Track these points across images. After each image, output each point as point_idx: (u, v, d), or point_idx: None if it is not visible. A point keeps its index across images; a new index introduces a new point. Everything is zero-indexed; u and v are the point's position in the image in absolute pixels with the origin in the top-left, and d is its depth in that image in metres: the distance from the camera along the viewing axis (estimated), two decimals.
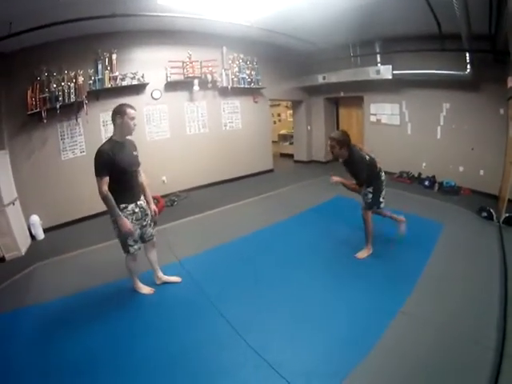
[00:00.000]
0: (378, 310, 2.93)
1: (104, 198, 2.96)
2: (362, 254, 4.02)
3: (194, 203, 6.63)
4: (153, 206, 3.42)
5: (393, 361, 2.37)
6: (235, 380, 2.32)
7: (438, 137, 6.49)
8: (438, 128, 6.45)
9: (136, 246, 3.24)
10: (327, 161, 9.13)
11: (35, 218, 5.42)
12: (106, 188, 2.93)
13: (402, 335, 2.61)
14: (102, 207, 6.00)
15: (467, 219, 4.89)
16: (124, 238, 3.14)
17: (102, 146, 3.00)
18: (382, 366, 2.33)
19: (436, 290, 3.18)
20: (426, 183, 6.42)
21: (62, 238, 5.47)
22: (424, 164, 6.82)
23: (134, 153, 3.25)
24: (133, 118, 3.05)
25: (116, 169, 2.96)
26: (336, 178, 3.91)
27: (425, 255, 3.80)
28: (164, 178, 7.01)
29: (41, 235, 5.48)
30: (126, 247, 3.21)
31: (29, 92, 5.23)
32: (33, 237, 5.42)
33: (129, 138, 3.26)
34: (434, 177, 6.45)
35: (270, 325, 2.86)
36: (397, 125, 7.20)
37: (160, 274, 3.69)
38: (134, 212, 3.15)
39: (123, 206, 3.07)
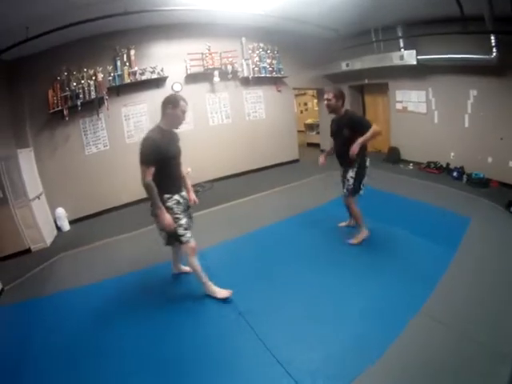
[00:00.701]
0: (396, 310, 2.74)
1: (147, 187, 2.78)
2: (357, 238, 3.89)
3: (218, 194, 6.62)
4: (193, 196, 3.29)
5: (404, 367, 2.20)
6: (242, 373, 2.31)
7: (466, 125, 6.00)
8: (466, 116, 5.96)
9: (189, 234, 3.03)
10: None
11: (61, 211, 5.69)
12: (150, 177, 2.77)
13: (417, 340, 2.41)
14: (127, 199, 6.29)
15: (495, 214, 4.48)
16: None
17: (149, 133, 2.87)
18: (391, 372, 2.18)
19: (460, 291, 2.90)
20: (455, 174, 6.00)
21: (87, 229, 5.70)
22: (452, 154, 6.35)
23: (178, 143, 3.15)
24: (184, 112, 2.97)
25: (163, 158, 2.83)
26: (321, 159, 3.89)
27: (450, 251, 3.51)
28: (189, 169, 7.00)
29: (66, 227, 5.76)
30: (177, 238, 3.00)
31: (50, 91, 5.45)
32: (59, 228, 5.69)
33: None
34: (462, 167, 6.01)
35: (282, 320, 2.77)
36: (423, 113, 6.75)
37: (180, 264, 3.64)
38: (178, 202, 3.02)
39: (168, 196, 2.94)
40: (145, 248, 4.53)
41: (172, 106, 2.88)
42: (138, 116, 6.49)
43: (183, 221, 2.99)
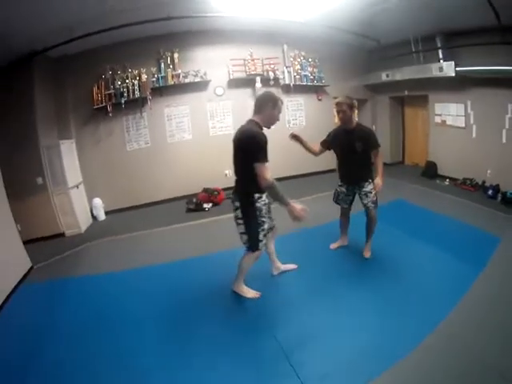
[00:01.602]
0: (412, 324, 2.63)
1: (271, 186, 2.63)
2: (369, 250, 3.76)
3: None
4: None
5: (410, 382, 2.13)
6: (254, 367, 2.36)
7: (504, 141, 5.57)
8: (504, 131, 5.53)
9: (264, 242, 2.98)
10: (392, 163, 8.41)
11: (98, 201, 5.99)
12: (270, 174, 2.62)
13: (429, 357, 2.29)
14: (163, 196, 6.46)
15: None
16: (256, 231, 2.87)
17: (254, 129, 2.73)
18: None
19: (480, 314, 2.71)
20: (489, 192, 5.57)
21: (121, 220, 5.97)
22: (489, 171, 5.89)
23: None
24: (280, 113, 2.90)
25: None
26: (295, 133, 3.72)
27: (475, 270, 3.31)
28: (227, 171, 7.07)
29: (102, 216, 6.05)
30: (256, 243, 2.91)
31: (94, 88, 5.77)
32: (94, 218, 6.00)
33: None
34: (497, 185, 5.57)
35: (300, 323, 2.78)
36: (462, 127, 6.32)
37: (278, 263, 3.55)
38: (265, 204, 2.92)
39: (258, 195, 2.83)
40: (176, 243, 4.75)
41: (272, 106, 2.80)
42: (180, 117, 6.68)
43: (266, 225, 2.94)
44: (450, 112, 6.57)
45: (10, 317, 3.22)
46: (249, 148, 2.63)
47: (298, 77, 7.17)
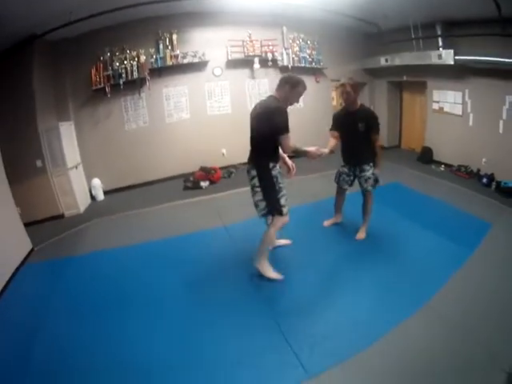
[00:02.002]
0: (403, 300, 2.80)
1: (294, 151, 2.90)
2: (363, 232, 3.88)
3: None
4: (289, 162, 3.32)
5: (399, 354, 2.26)
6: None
7: (501, 131, 5.64)
8: (501, 122, 5.59)
9: (287, 208, 3.02)
10: (389, 146, 8.45)
11: (96, 181, 6.09)
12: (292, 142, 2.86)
13: (417, 330, 2.46)
14: (161, 175, 6.63)
15: None
16: (276, 197, 2.96)
17: (276, 103, 2.87)
18: (385, 356, 2.25)
19: (469, 291, 2.88)
20: (484, 181, 5.70)
21: (120, 200, 6.10)
22: (484, 160, 6.00)
23: None
24: (298, 96, 3.02)
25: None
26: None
27: (466, 251, 3.47)
28: (224, 150, 7.21)
29: (101, 196, 6.17)
30: (279, 208, 2.97)
31: (93, 70, 5.78)
32: (93, 198, 6.11)
33: None
34: (492, 174, 5.70)
35: (292, 297, 2.94)
36: (459, 115, 6.38)
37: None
38: (279, 172, 3.02)
39: (273, 164, 2.94)
40: (174, 219, 4.94)
41: (289, 88, 2.89)
42: (179, 97, 6.72)
43: (284, 191, 3.01)
44: (448, 99, 6.61)
45: (12, 297, 3.34)
46: (272, 122, 2.77)
47: (296, 58, 7.14)
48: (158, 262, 3.68)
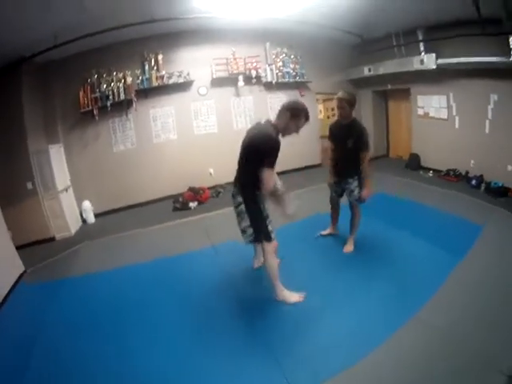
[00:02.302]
0: (392, 312, 2.75)
1: (272, 194, 2.76)
2: (350, 245, 3.89)
3: None
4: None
5: (389, 368, 2.23)
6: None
7: (487, 131, 5.77)
8: (487, 122, 5.73)
9: (274, 233, 2.89)
10: (377, 156, 8.54)
11: (87, 204, 6.07)
12: (273, 182, 2.75)
13: (407, 342, 2.42)
14: (150, 196, 6.67)
15: (509, 223, 4.30)
16: (264, 223, 2.82)
17: (269, 131, 2.64)
18: (374, 372, 2.21)
19: (459, 299, 2.84)
20: (473, 182, 5.81)
21: (111, 222, 6.08)
22: (472, 162, 6.12)
23: None
24: (298, 127, 2.79)
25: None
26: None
27: (456, 258, 3.44)
28: (211, 170, 7.24)
29: (91, 219, 6.12)
30: (268, 234, 2.85)
31: (81, 93, 5.85)
32: (84, 220, 6.07)
33: None
34: (481, 176, 5.81)
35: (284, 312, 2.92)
36: (444, 118, 6.56)
37: (262, 257, 3.30)
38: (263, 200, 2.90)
39: (259, 193, 2.77)
40: (163, 240, 4.93)
41: (290, 116, 2.70)
42: (165, 117, 6.80)
43: (270, 216, 2.88)
44: (433, 104, 6.80)
45: (6, 318, 3.36)
46: (260, 150, 2.57)
47: (280, 74, 7.31)
48: (149, 283, 3.68)
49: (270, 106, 7.57)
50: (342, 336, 2.53)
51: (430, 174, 6.71)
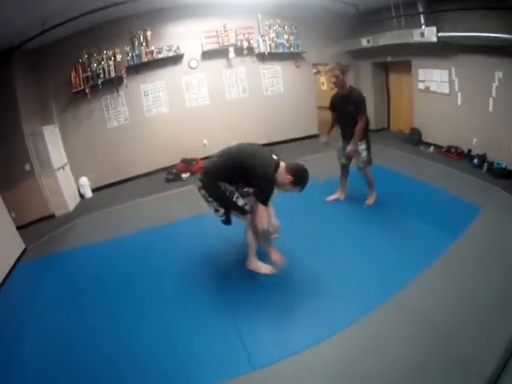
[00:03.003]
0: (372, 290, 2.82)
1: (265, 232, 2.89)
2: (371, 199, 4.37)
3: None
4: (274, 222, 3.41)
5: (356, 344, 2.34)
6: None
7: (491, 110, 5.60)
8: (490, 100, 5.54)
9: (248, 204, 3.05)
10: (377, 129, 8.50)
11: (84, 180, 6.50)
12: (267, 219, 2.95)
13: (379, 323, 2.49)
14: (145, 169, 7.12)
15: (508, 206, 4.23)
16: (232, 201, 2.99)
17: (273, 177, 2.80)
18: (342, 348, 2.33)
19: (442, 281, 2.86)
20: (475, 161, 5.70)
21: (107, 196, 6.50)
22: (475, 140, 5.99)
23: None
24: (288, 189, 2.91)
25: None
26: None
27: (450, 237, 3.45)
28: (205, 141, 7.49)
29: (89, 194, 6.58)
30: (239, 209, 3.03)
31: (72, 73, 6.08)
32: (82, 196, 6.53)
33: None
34: (484, 155, 5.69)
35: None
36: (446, 93, 6.38)
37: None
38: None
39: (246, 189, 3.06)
40: (156, 210, 5.35)
41: (292, 181, 2.82)
42: (157, 92, 7.02)
43: (236, 192, 3.01)
44: (434, 78, 6.62)
45: (8, 292, 3.76)
46: (259, 184, 2.81)
47: (273, 45, 7.27)
48: (135, 253, 4.06)
49: (264, 75, 7.67)
50: (303, 316, 2.69)
51: (431, 150, 6.67)
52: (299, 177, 2.84)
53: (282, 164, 2.88)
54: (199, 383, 2.24)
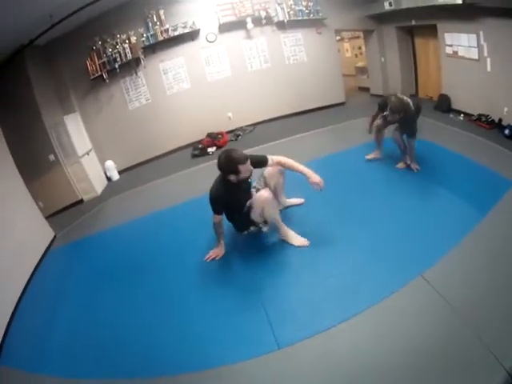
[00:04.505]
0: (401, 266, 2.74)
1: (215, 229, 3.31)
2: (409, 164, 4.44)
3: (259, 136, 7.15)
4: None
5: (381, 324, 2.31)
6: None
7: None
8: None
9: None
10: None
11: (109, 163, 6.91)
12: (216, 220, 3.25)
13: (408, 301, 2.43)
14: (171, 147, 7.54)
15: None
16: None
17: (215, 187, 3.11)
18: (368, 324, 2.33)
19: (472, 262, 2.70)
20: (506, 132, 5.35)
21: (134, 177, 6.85)
22: (506, 109, 5.64)
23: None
24: (247, 171, 2.98)
25: None
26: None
27: (479, 213, 3.26)
28: (230, 114, 7.67)
29: (116, 176, 7.01)
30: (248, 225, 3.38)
31: (88, 61, 6.31)
32: (109, 179, 6.96)
33: None
34: None
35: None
36: (475, 59, 5.98)
37: (284, 198, 3.82)
38: None
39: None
40: (183, 186, 5.56)
41: (235, 175, 2.96)
42: (176, 69, 7.17)
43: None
44: (462, 43, 6.24)
45: (39, 279, 4.09)
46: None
47: (292, 12, 7.10)
48: (170, 228, 4.25)
49: (285, 44, 7.54)
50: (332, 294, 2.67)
51: (461, 118, 6.41)
52: (221, 167, 2.97)
53: None
54: (225, 361, 2.30)
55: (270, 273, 3.07)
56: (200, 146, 6.92)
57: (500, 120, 5.76)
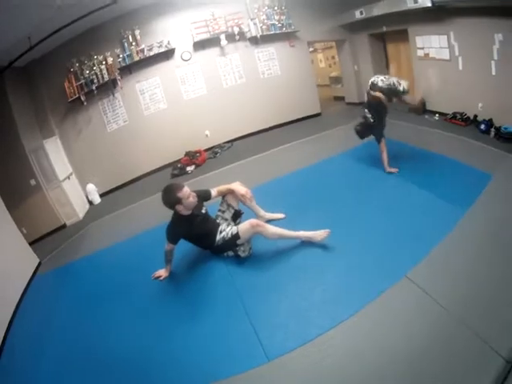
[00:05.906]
0: (385, 269, 2.83)
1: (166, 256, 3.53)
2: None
3: (237, 152, 7.32)
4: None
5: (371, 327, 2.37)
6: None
7: (493, 73, 5.68)
8: (492, 63, 5.62)
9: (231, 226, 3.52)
10: None
11: (91, 186, 6.93)
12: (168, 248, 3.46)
13: (393, 303, 2.50)
14: (151, 167, 7.61)
15: None
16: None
17: (173, 219, 3.39)
18: (362, 327, 2.39)
19: (456, 258, 2.79)
20: (482, 127, 5.75)
21: (115, 199, 6.86)
22: (480, 105, 6.09)
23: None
24: (189, 196, 3.21)
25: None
26: None
27: (460, 210, 3.38)
28: (207, 132, 7.88)
29: (97, 200, 7.02)
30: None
31: (66, 83, 6.42)
32: (91, 202, 6.95)
33: None
34: (490, 120, 5.75)
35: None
36: (446, 59, 6.46)
37: (262, 212, 3.93)
38: None
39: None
40: (161, 208, 5.52)
41: (179, 205, 3.20)
42: (153, 89, 7.36)
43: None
44: (433, 44, 6.70)
45: (26, 306, 4.05)
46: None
47: (264, 27, 7.49)
48: (151, 248, 4.12)
49: (259, 59, 7.88)
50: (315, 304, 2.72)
51: (436, 118, 6.79)
52: (165, 202, 3.25)
53: None
54: (216, 377, 2.31)
55: (252, 286, 3.11)
56: (179, 166, 7.07)
57: (475, 116, 6.12)
